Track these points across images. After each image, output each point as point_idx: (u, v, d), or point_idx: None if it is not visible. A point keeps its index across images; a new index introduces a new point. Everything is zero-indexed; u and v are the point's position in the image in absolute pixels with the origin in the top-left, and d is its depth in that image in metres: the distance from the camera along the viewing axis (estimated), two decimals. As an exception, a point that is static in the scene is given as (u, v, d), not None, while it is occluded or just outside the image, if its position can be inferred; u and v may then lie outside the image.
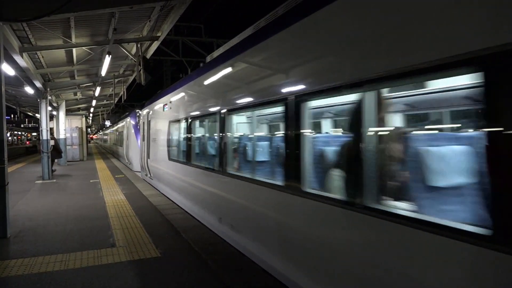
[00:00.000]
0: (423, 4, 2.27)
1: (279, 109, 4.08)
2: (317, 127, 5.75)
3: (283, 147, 3.86)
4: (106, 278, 4.14)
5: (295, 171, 3.57)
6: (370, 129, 2.71)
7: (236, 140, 5.83)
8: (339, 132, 5.38)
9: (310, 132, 3.70)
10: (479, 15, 1.95)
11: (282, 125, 4.30)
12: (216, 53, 6.93)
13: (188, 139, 7.50)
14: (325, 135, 5.32)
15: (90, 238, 5.65)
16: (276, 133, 6.49)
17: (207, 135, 7.16)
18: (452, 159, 2.61)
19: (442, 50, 2.09)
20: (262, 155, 5.39)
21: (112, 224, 6.45)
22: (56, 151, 14.69)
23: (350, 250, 2.84)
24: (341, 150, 3.35)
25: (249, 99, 4.73)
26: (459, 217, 2.30)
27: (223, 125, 5.50)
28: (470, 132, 3.16)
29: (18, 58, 8.48)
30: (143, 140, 12.78)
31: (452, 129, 3.82)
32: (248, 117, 6.10)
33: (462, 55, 1.97)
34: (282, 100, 3.79)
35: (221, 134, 5.62)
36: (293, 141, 3.64)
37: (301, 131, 3.53)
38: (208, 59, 7.32)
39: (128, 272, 4.28)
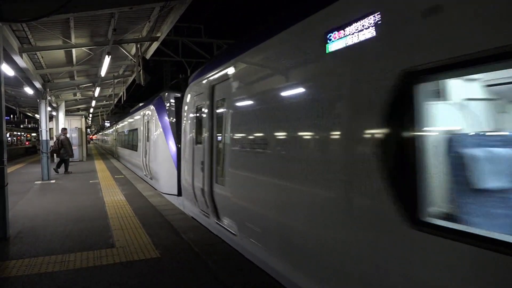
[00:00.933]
0: None
1: None
2: None
3: None
4: (105, 278, 4.13)
5: None
6: None
7: None
8: None
9: None
10: None
11: None
12: None
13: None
14: None
15: (89, 238, 5.64)
16: None
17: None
18: None
19: None
20: None
21: (112, 225, 6.44)
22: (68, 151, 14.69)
23: None
24: None
25: None
26: None
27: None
28: None
29: (17, 59, 8.48)
30: (196, 142, 6.88)
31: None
32: None
33: None
34: None
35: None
36: None
37: None
38: None
39: (127, 273, 4.28)
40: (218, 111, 5.82)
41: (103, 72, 11.64)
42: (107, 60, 10.00)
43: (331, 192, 3.02)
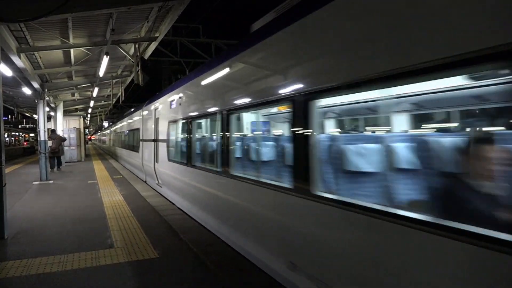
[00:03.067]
0: None
1: None
2: None
3: None
4: (104, 279, 4.13)
5: None
6: None
7: None
8: None
9: None
10: None
11: None
12: None
13: None
14: None
15: (88, 239, 5.63)
16: None
17: None
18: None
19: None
20: None
21: (110, 225, 6.43)
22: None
23: None
24: None
25: None
26: None
27: None
28: None
29: (15, 59, 8.46)
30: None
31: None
32: None
33: None
34: None
35: None
36: None
37: None
38: None
39: (126, 273, 4.28)
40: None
41: (101, 73, 11.62)
42: (105, 60, 9.99)
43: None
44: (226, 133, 5.32)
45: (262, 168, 4.94)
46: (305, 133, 3.43)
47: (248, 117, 7.13)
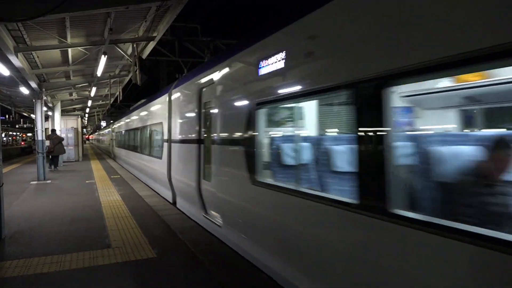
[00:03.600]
0: None
1: None
2: None
3: None
4: (102, 279, 4.12)
5: None
6: None
7: None
8: None
9: None
10: None
11: None
12: None
13: None
14: None
15: (85, 239, 5.62)
16: None
17: None
18: None
19: None
20: None
21: (108, 225, 6.42)
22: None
23: None
24: None
25: None
26: None
27: None
28: None
29: (13, 58, 8.43)
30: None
31: None
32: None
33: None
34: None
35: None
36: None
37: None
38: None
39: (124, 273, 4.27)
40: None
41: (99, 72, 11.60)
42: (103, 60, 9.97)
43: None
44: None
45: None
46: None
47: None
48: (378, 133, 2.60)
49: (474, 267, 2.02)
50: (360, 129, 2.75)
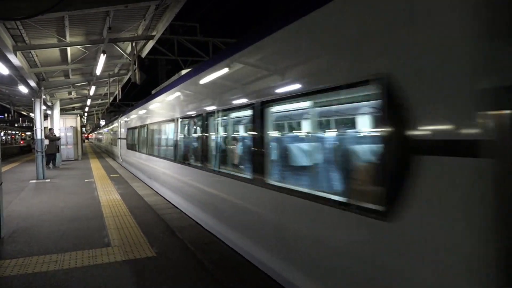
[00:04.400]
0: None
1: None
2: None
3: None
4: (101, 277, 4.12)
5: None
6: None
7: None
8: None
9: None
10: None
11: None
12: None
13: None
14: None
15: (85, 237, 5.62)
16: None
17: None
18: None
19: None
20: None
21: (107, 224, 6.42)
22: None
23: None
24: None
25: None
26: None
27: None
28: None
29: (12, 57, 8.42)
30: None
31: None
32: None
33: None
34: None
35: None
36: None
37: None
38: None
39: (123, 272, 4.28)
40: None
41: (98, 71, 11.58)
42: (102, 58, 9.95)
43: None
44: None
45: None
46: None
47: None
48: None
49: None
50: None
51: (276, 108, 4.32)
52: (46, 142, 15.28)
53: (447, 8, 2.09)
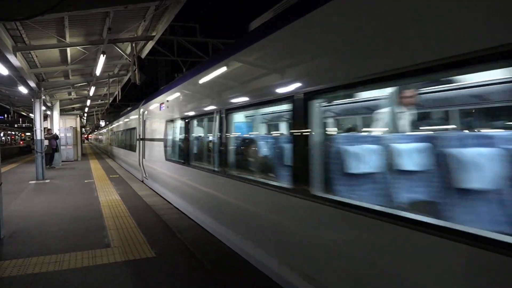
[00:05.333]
0: None
1: None
2: None
3: None
4: (101, 278, 4.12)
5: None
6: None
7: None
8: None
9: None
10: None
11: None
12: None
13: None
14: None
15: (84, 238, 5.62)
16: None
17: None
18: None
19: None
20: None
21: (107, 225, 6.42)
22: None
23: None
24: None
25: None
26: None
27: None
28: None
29: (11, 58, 8.42)
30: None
31: None
32: None
33: None
34: None
35: None
36: None
37: None
38: None
39: (123, 273, 4.27)
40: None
41: (98, 72, 11.59)
42: (102, 59, 9.96)
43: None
44: None
45: None
46: None
47: None
48: None
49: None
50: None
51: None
52: (46, 142, 15.29)
53: None
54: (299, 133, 3.40)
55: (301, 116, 3.33)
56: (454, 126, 4.76)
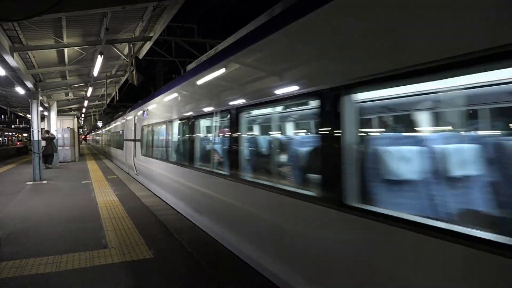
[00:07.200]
0: None
1: None
2: None
3: None
4: (98, 279, 4.11)
5: None
6: None
7: None
8: None
9: None
10: None
11: None
12: None
13: None
14: None
15: (82, 239, 5.61)
16: None
17: None
18: None
19: None
20: None
21: (104, 225, 6.41)
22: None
23: None
24: None
25: None
26: None
27: None
28: None
29: (8, 58, 8.40)
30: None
31: None
32: None
33: None
34: None
35: None
36: None
37: None
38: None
39: (120, 273, 4.27)
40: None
41: (95, 72, 11.56)
42: (99, 60, 9.94)
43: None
44: None
45: None
46: None
47: None
48: None
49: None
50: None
51: None
52: (43, 143, 15.25)
53: None
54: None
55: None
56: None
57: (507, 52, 1.75)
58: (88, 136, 72.49)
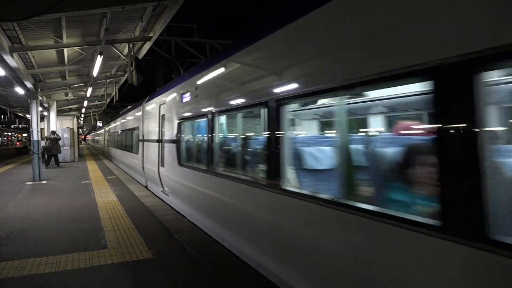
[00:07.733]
0: None
1: None
2: None
3: None
4: (98, 279, 4.11)
5: None
6: None
7: None
8: None
9: None
10: None
11: None
12: None
13: None
14: None
15: (81, 239, 5.60)
16: None
17: None
18: None
19: None
20: None
21: (104, 226, 6.40)
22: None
23: None
24: None
25: None
26: None
27: None
28: None
29: (8, 58, 8.40)
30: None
31: None
32: None
33: None
34: None
35: None
36: None
37: None
38: None
39: (120, 274, 4.26)
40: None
41: (95, 72, 11.57)
42: (99, 60, 9.95)
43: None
44: None
45: None
46: None
47: None
48: None
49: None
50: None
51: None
52: (44, 143, 15.27)
53: None
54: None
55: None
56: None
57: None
58: (88, 136, 72.50)
